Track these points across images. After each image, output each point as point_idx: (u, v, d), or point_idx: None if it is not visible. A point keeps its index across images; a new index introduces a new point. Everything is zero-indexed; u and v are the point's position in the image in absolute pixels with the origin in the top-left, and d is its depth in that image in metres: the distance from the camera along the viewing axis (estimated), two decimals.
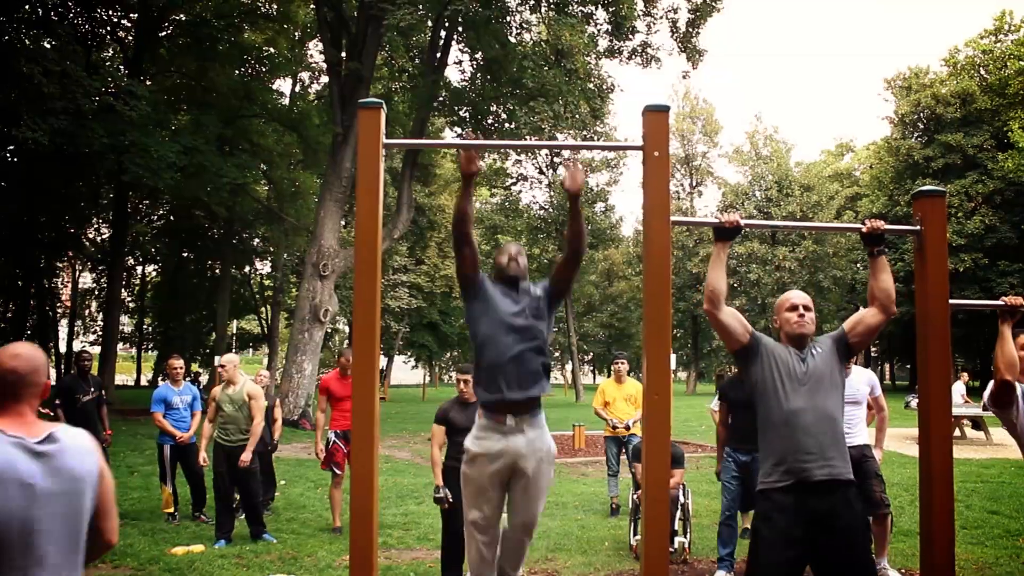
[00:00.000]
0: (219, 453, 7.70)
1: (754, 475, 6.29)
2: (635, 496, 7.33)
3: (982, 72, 37.09)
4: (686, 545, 6.91)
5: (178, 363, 8.92)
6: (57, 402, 8.34)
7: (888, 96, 41.68)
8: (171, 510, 8.43)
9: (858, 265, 42.93)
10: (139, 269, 41.05)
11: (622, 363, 9.35)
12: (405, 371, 55.75)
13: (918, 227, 3.57)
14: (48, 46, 17.34)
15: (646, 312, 3.22)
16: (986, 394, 4.29)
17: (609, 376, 12.67)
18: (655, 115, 3.31)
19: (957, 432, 16.48)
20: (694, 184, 49.15)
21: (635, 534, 7.19)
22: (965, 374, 23.18)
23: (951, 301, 3.53)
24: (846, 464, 3.36)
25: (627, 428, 8.93)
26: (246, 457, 7.50)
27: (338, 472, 7.83)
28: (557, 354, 62.57)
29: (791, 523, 3.24)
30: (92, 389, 8.38)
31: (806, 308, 3.60)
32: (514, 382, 3.74)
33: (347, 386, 7.63)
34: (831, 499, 3.26)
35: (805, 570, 3.30)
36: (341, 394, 7.72)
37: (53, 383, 8.41)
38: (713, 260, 3.59)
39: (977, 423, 16.84)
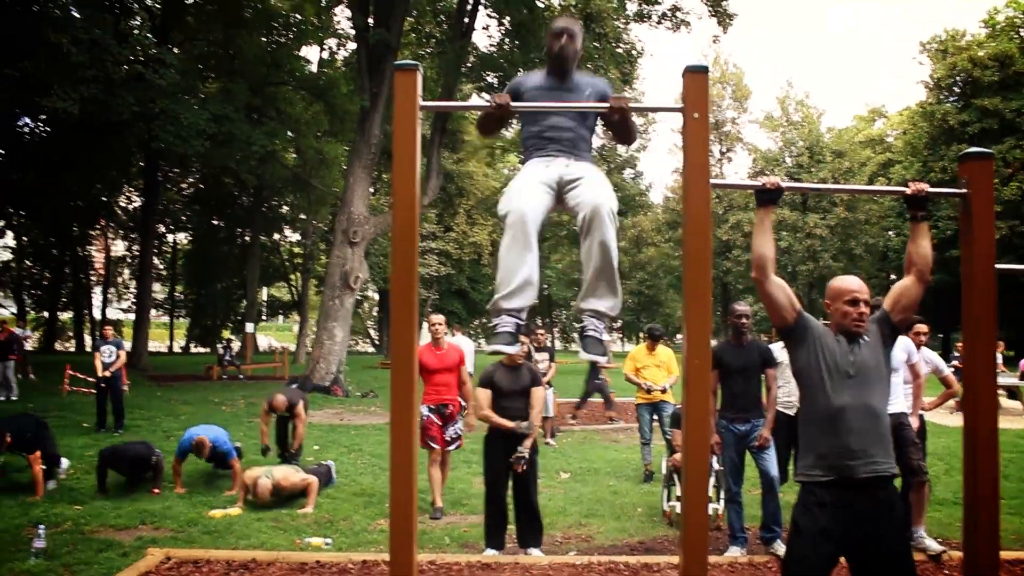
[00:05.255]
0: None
1: (752, 443, 6.22)
2: (668, 462, 7.33)
3: (1022, 33, 36.10)
4: (719, 511, 6.91)
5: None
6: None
7: (924, 60, 40.71)
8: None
9: (890, 233, 42.30)
10: (170, 237, 41.39)
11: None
12: None
13: (965, 190, 3.49)
14: (77, 15, 17.37)
15: (685, 274, 3.17)
16: None
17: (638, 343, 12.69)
18: (695, 76, 3.24)
19: None
20: (724, 150, 48.60)
21: (668, 500, 7.20)
22: (1001, 343, 22.87)
23: (996, 266, 3.46)
24: (889, 458, 3.33)
25: (663, 391, 8.91)
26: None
27: (434, 447, 7.37)
28: None
29: (831, 518, 3.23)
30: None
31: (866, 304, 3.46)
32: None
33: (439, 357, 7.39)
34: (873, 496, 3.25)
35: (839, 563, 3.29)
36: (432, 366, 7.35)
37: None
38: (757, 226, 3.52)
39: (1013, 392, 16.66)
